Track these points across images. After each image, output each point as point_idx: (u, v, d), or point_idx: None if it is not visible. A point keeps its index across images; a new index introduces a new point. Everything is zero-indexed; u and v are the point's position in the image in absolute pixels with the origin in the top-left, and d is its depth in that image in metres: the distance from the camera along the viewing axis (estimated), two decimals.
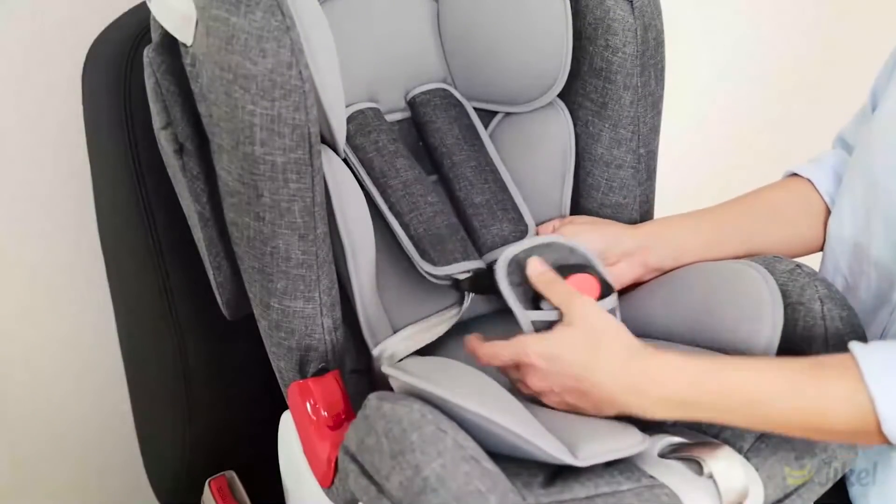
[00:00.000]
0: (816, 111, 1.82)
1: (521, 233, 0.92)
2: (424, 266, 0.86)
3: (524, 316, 0.79)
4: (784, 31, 1.74)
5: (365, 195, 0.88)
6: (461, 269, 0.87)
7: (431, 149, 0.96)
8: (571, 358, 0.73)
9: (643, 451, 0.73)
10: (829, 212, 0.91)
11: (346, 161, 0.90)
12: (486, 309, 0.99)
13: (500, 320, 0.94)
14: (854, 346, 0.70)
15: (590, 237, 0.89)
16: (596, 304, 0.77)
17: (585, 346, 0.73)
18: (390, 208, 0.88)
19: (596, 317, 0.75)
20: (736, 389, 0.70)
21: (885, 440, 0.67)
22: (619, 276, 0.90)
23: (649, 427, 0.77)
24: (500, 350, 0.77)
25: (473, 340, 0.80)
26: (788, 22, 1.74)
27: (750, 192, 0.94)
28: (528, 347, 0.75)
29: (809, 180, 0.92)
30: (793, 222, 0.92)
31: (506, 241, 0.91)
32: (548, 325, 0.77)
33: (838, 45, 1.79)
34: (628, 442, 0.72)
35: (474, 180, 0.93)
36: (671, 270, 0.91)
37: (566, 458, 0.68)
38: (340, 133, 0.87)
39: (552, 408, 0.77)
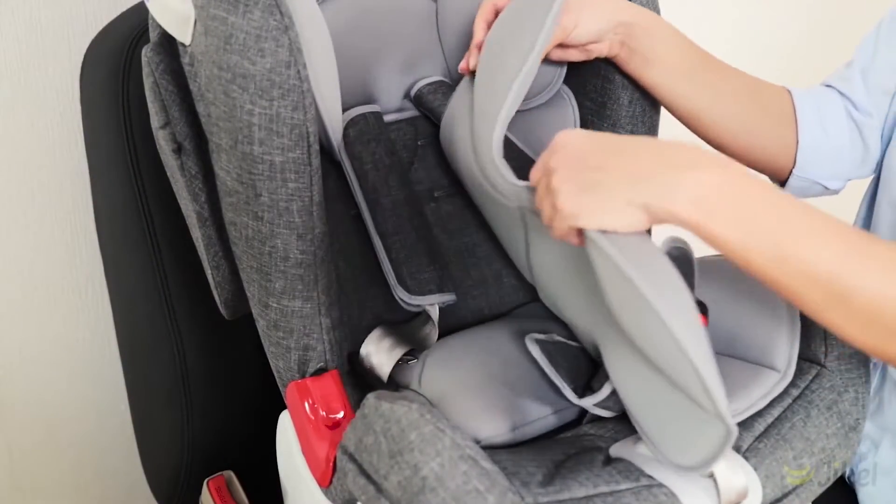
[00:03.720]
0: None
1: None
2: (399, 292, 0.87)
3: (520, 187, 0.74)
4: (784, 30, 1.74)
5: (353, 208, 0.89)
6: (433, 301, 0.87)
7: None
8: (605, 138, 0.67)
9: (642, 452, 0.73)
10: (796, 120, 0.91)
11: (340, 167, 0.90)
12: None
13: (502, 323, 0.94)
14: None
15: (588, 20, 0.85)
16: None
17: (613, 136, 0.68)
18: (376, 227, 0.88)
19: None
20: (787, 213, 0.61)
21: None
22: (596, 49, 0.87)
23: None
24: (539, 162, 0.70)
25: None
26: (788, 21, 1.74)
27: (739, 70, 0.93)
28: (561, 133, 0.68)
29: (789, 91, 0.93)
30: (766, 109, 0.91)
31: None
32: None
33: (838, 44, 1.79)
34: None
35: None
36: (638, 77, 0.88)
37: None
38: (336, 134, 0.87)
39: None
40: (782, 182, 0.94)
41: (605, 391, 0.77)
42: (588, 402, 0.77)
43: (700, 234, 0.61)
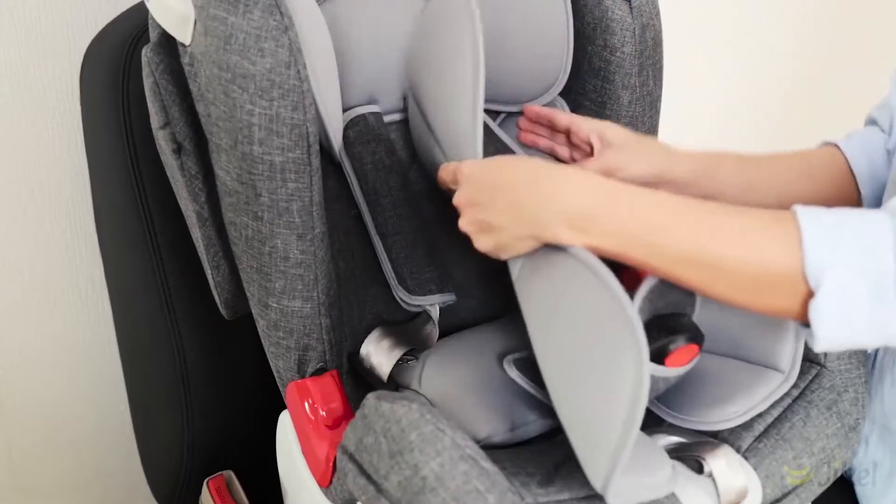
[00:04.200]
0: (818, 110, 1.82)
1: None
2: (399, 292, 0.87)
3: None
4: (784, 30, 1.74)
5: (354, 208, 0.89)
6: (433, 301, 0.88)
7: None
8: (495, 170, 0.74)
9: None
10: (853, 175, 0.89)
11: (340, 168, 0.90)
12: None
13: (502, 323, 0.94)
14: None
15: (638, 165, 0.87)
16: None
17: (504, 164, 0.75)
18: (377, 228, 0.88)
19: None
20: (644, 213, 0.66)
21: (802, 304, 0.62)
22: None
23: (648, 427, 0.77)
24: (445, 170, 0.79)
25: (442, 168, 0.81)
26: (789, 21, 1.74)
27: (788, 151, 0.92)
28: (461, 165, 0.77)
29: (836, 145, 0.91)
30: (824, 182, 0.90)
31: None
32: None
33: (839, 45, 1.79)
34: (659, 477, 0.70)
35: None
36: None
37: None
38: (337, 134, 0.87)
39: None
40: None
41: None
42: None
43: (587, 248, 0.67)
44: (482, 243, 0.74)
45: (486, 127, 0.92)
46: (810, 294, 0.61)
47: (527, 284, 0.73)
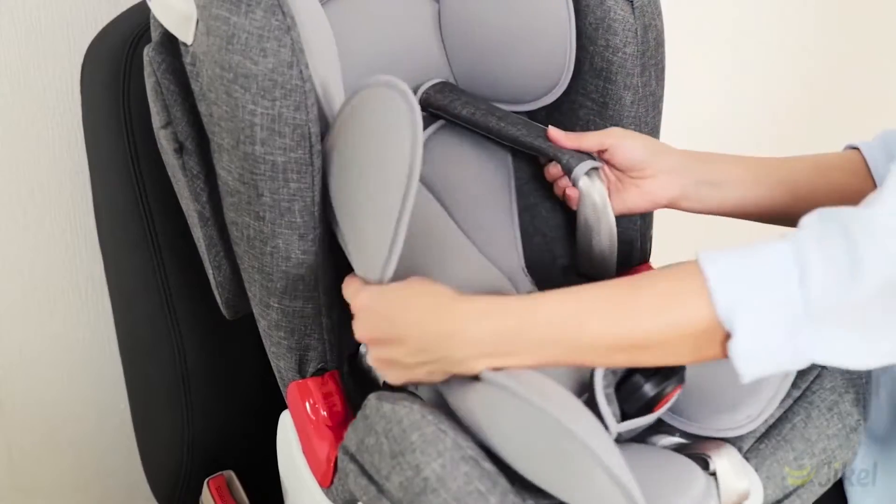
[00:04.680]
0: (820, 109, 1.82)
1: None
2: None
3: None
4: (786, 29, 1.74)
5: None
6: None
7: (466, 119, 0.94)
8: (391, 306, 0.69)
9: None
10: (872, 178, 0.87)
11: None
12: None
13: None
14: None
15: (632, 145, 0.86)
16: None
17: (399, 298, 0.69)
18: None
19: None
20: (556, 319, 0.65)
21: (721, 346, 0.61)
22: (655, 191, 0.87)
23: (650, 427, 0.77)
24: (349, 286, 0.74)
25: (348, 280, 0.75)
26: (790, 21, 1.74)
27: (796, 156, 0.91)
28: (358, 293, 0.72)
29: (858, 148, 0.88)
30: (839, 182, 0.87)
31: None
32: None
33: (840, 44, 1.79)
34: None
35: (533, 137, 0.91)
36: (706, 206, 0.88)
37: None
38: None
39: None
40: None
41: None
42: None
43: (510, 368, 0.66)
44: (393, 378, 0.71)
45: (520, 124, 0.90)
46: (728, 337, 0.60)
47: (461, 404, 0.70)
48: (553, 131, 0.90)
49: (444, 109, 0.95)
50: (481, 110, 0.93)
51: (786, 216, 0.87)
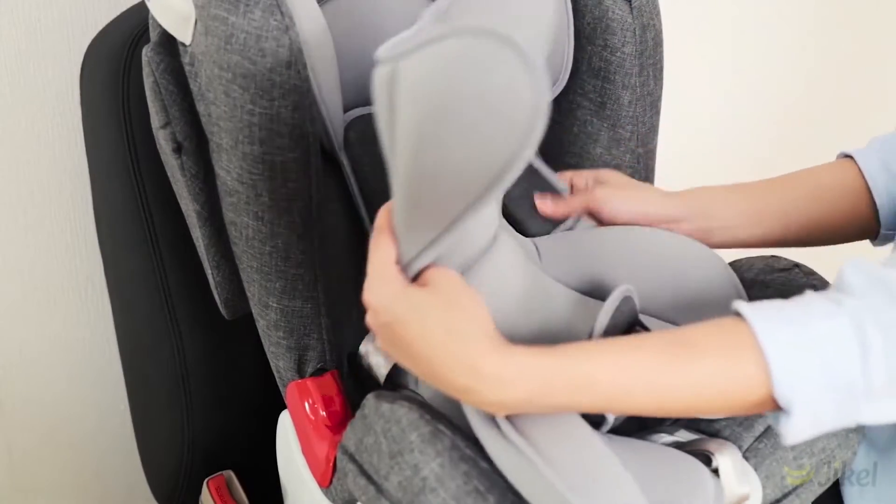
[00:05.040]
0: (821, 110, 1.82)
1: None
2: None
3: None
4: (785, 29, 1.74)
5: (353, 212, 0.89)
6: None
7: None
8: (399, 322, 0.62)
9: None
10: (869, 191, 0.86)
11: (340, 168, 0.90)
12: None
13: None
14: (739, 304, 0.61)
15: (623, 200, 0.84)
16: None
17: (414, 322, 0.62)
18: None
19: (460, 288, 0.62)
20: (598, 391, 0.60)
21: (776, 404, 0.60)
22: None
23: (650, 425, 0.77)
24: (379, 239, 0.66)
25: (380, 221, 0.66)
26: (789, 20, 1.74)
27: (794, 171, 0.89)
28: (370, 292, 0.65)
29: (852, 157, 0.87)
30: (834, 201, 0.86)
31: None
32: None
33: (840, 44, 1.79)
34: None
35: None
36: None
37: None
38: (337, 135, 0.87)
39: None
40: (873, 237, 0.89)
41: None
42: None
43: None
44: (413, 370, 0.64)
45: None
46: (779, 407, 0.60)
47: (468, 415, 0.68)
48: (541, 205, 0.85)
49: None
50: None
51: (777, 245, 0.88)
